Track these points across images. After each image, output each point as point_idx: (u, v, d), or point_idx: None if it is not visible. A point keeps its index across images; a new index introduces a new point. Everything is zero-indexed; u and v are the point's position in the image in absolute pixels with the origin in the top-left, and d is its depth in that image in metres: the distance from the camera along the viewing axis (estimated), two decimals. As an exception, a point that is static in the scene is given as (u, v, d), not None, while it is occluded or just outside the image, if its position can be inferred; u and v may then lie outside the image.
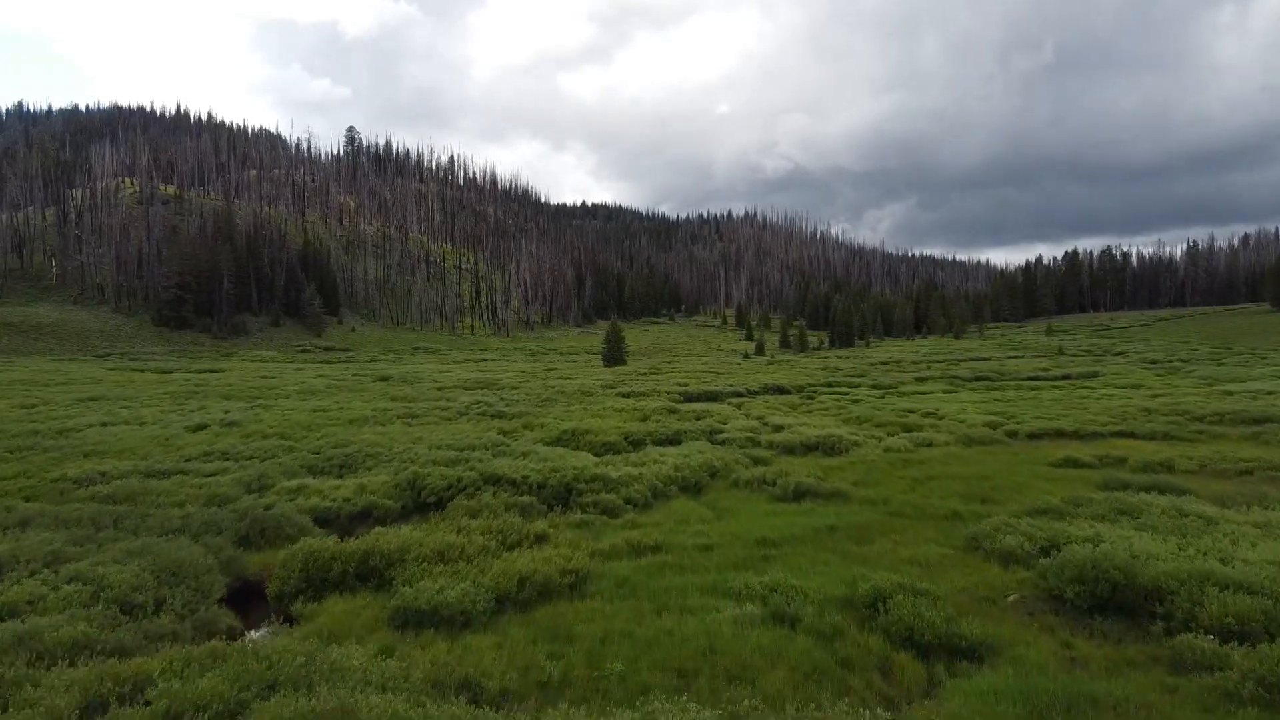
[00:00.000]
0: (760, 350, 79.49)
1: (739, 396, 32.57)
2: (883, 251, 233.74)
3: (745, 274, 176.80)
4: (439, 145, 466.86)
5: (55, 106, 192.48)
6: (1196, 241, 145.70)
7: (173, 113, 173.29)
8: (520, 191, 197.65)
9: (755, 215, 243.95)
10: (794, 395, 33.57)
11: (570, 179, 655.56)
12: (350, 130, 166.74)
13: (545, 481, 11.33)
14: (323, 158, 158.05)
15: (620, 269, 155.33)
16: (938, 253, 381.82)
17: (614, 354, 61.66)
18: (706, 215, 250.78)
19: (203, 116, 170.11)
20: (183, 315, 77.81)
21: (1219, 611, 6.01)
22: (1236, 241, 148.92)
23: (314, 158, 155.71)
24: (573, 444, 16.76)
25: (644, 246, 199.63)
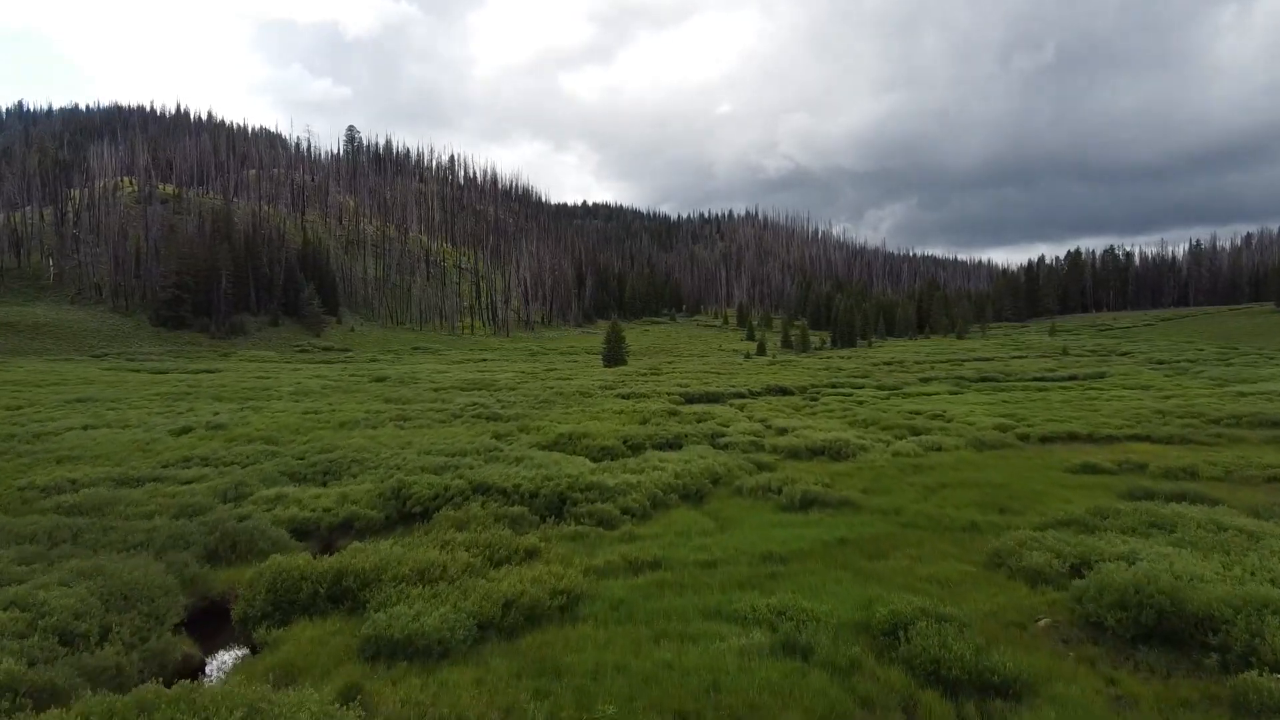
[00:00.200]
0: (762, 350, 78.83)
1: (741, 398, 31.93)
2: (884, 251, 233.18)
3: (746, 274, 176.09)
4: (439, 145, 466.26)
5: (55, 106, 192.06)
6: (1199, 241, 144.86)
7: (172, 112, 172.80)
8: (521, 191, 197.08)
9: (756, 215, 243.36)
10: (797, 397, 32.93)
11: (572, 179, 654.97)
12: (350, 130, 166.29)
13: (538, 490, 10.70)
14: (322, 157, 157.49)
15: (621, 269, 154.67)
16: (939, 253, 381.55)
17: (614, 354, 61.03)
18: (707, 215, 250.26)
19: (203, 116, 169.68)
20: (180, 315, 77.26)
21: (1284, 644, 5.39)
22: (1239, 241, 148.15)
23: (314, 157, 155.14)
24: (569, 448, 16.13)
25: (645, 246, 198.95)
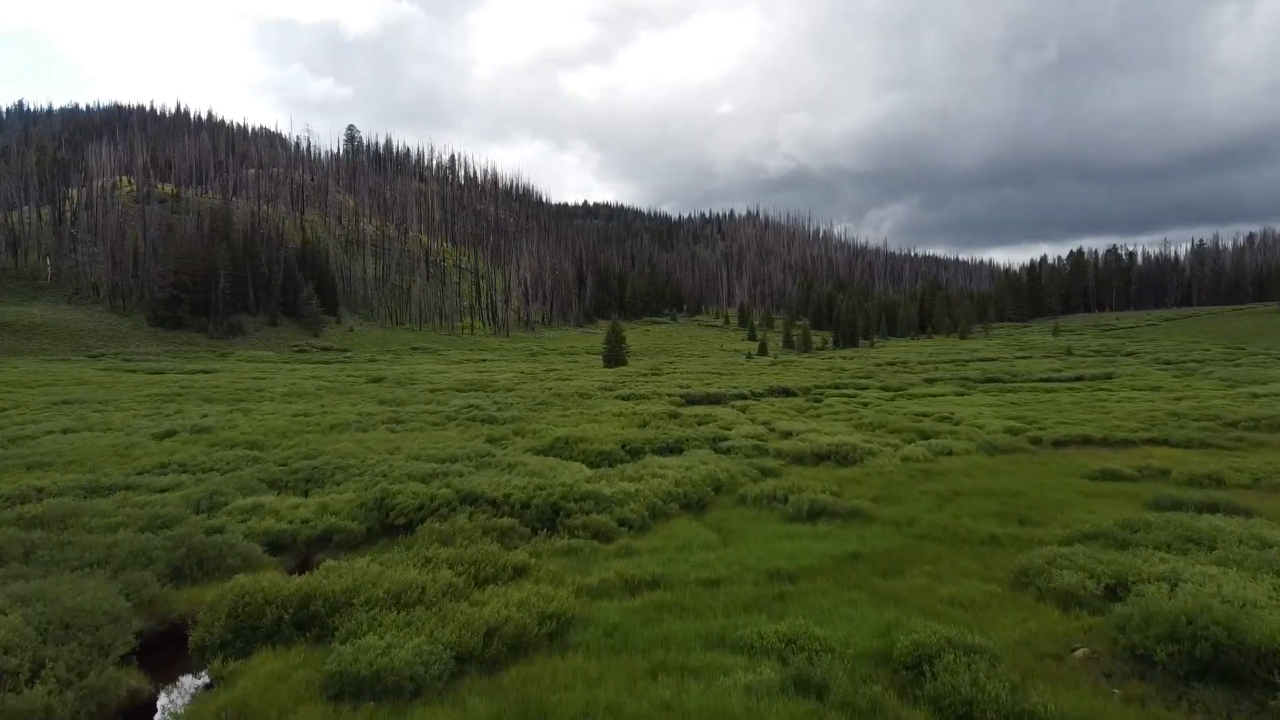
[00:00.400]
0: (763, 350, 78.18)
1: (743, 399, 31.31)
2: (885, 251, 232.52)
3: (748, 274, 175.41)
4: (440, 144, 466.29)
5: (55, 106, 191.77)
6: (1202, 241, 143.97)
7: (172, 112, 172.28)
8: (521, 191, 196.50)
9: (757, 215, 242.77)
10: (800, 398, 32.30)
11: (573, 179, 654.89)
12: (350, 129, 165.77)
13: (529, 501, 10.08)
14: (322, 156, 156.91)
15: (622, 268, 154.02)
16: (940, 252, 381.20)
17: (614, 354, 60.42)
18: (708, 215, 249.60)
19: (203, 115, 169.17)
20: (178, 315, 76.75)
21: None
22: (1242, 241, 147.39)
23: (313, 157, 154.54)
24: (565, 453, 15.51)
25: (646, 246, 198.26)
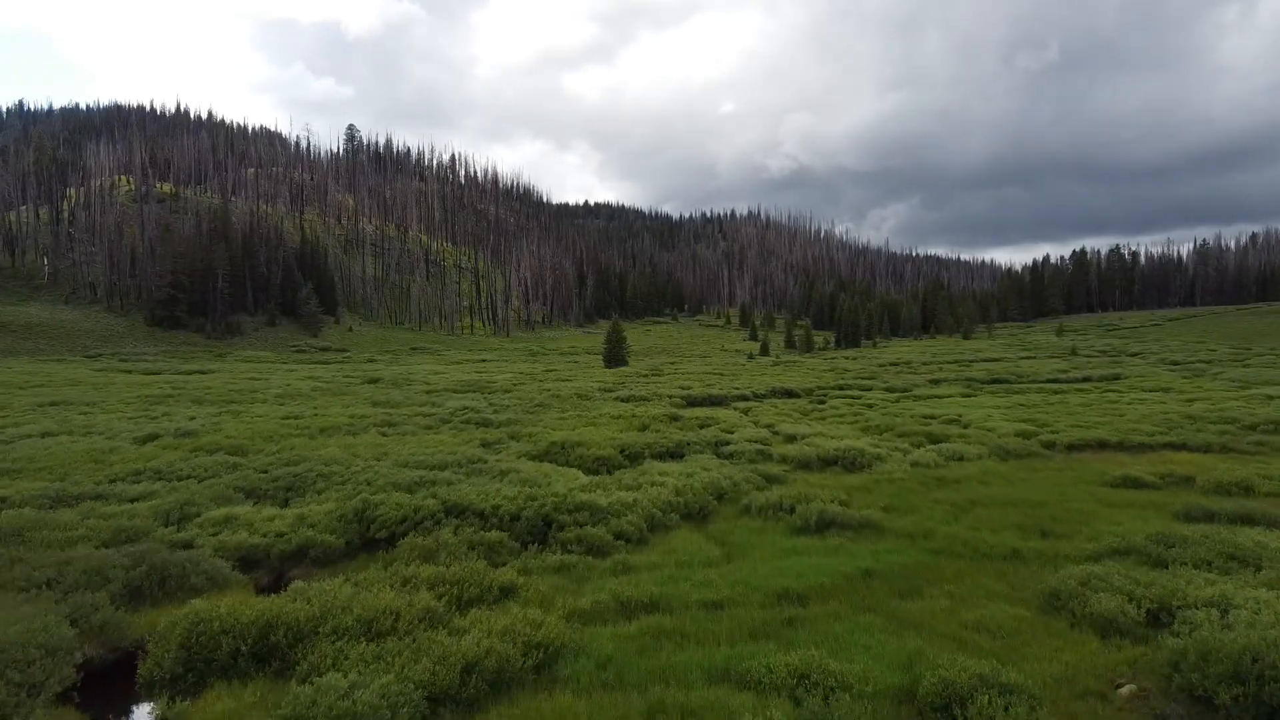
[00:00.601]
0: (765, 351, 77.57)
1: (745, 400, 30.70)
2: (887, 251, 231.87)
3: (749, 273, 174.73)
4: (441, 144, 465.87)
5: (56, 105, 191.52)
6: (1206, 240, 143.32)
7: (172, 111, 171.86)
8: (522, 190, 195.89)
9: (759, 214, 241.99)
10: (803, 399, 31.69)
11: (574, 179, 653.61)
12: (350, 128, 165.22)
13: (519, 513, 9.45)
14: (322, 156, 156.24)
15: (623, 268, 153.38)
16: (942, 252, 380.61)
17: (615, 354, 59.83)
18: (710, 214, 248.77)
19: (202, 115, 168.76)
20: (176, 315, 76.23)
21: None
22: (1245, 240, 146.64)
23: (313, 156, 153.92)
24: (561, 459, 14.89)
25: (647, 246, 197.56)
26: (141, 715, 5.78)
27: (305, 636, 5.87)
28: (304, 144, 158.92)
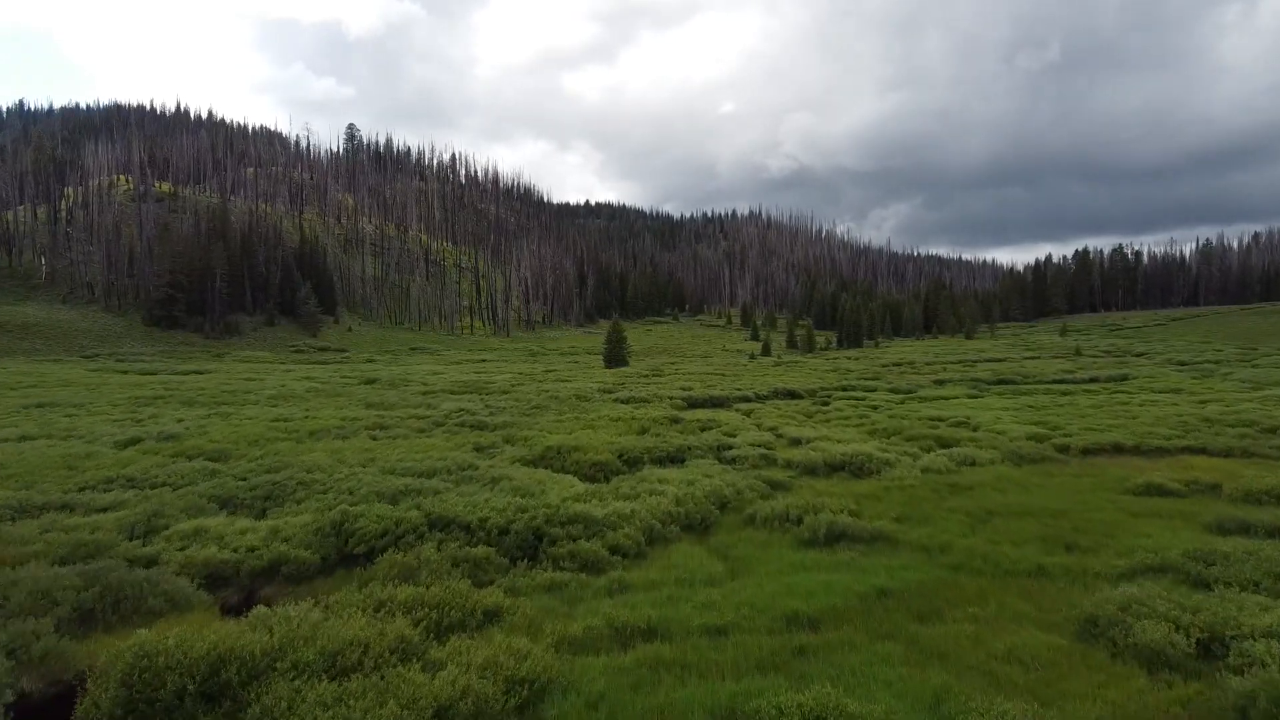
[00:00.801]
0: (766, 351, 76.95)
1: (747, 402, 30.06)
2: (888, 251, 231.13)
3: (750, 273, 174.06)
4: (441, 144, 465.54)
5: (56, 105, 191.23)
6: (1209, 240, 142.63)
7: (172, 110, 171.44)
8: (522, 190, 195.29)
9: (760, 214, 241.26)
10: (807, 401, 31.05)
11: (575, 179, 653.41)
12: (350, 128, 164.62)
13: (509, 525, 8.83)
14: (322, 155, 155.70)
15: (623, 268, 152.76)
16: (943, 252, 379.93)
17: (615, 355, 59.22)
18: (711, 214, 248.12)
19: (202, 114, 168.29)
20: (174, 315, 75.69)
21: None
22: (1248, 240, 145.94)
23: (313, 156, 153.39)
24: (557, 464, 14.28)
25: (647, 246, 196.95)
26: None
27: (261, 673, 5.26)
28: (304, 143, 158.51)
